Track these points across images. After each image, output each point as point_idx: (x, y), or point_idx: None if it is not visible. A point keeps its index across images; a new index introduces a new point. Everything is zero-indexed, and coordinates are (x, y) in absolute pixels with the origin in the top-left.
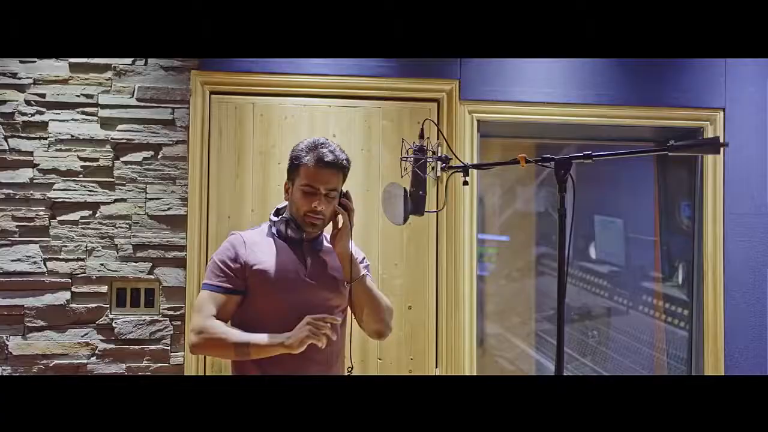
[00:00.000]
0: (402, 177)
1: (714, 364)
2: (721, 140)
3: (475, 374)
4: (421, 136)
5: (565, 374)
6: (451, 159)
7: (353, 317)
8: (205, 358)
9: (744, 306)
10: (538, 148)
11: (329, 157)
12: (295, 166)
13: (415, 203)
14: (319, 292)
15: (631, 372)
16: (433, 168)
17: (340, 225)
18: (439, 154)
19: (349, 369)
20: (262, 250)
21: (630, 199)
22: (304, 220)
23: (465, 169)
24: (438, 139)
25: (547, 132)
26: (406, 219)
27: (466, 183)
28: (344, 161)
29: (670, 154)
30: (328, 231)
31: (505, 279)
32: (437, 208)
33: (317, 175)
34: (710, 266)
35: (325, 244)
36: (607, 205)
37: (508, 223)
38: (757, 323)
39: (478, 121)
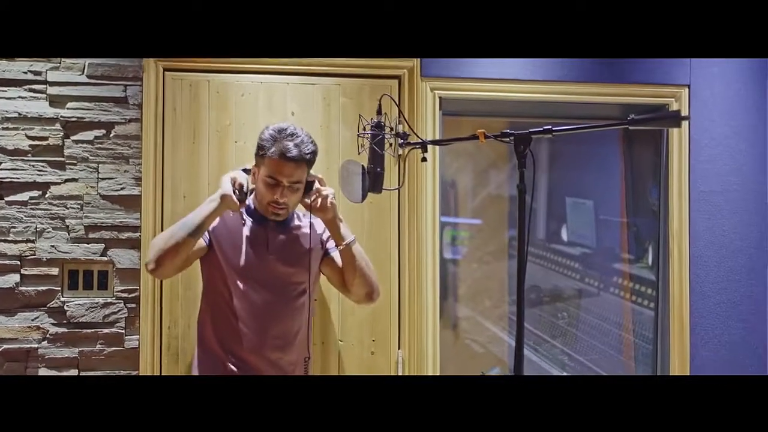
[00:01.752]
0: (359, 154)
1: (680, 344)
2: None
3: (438, 355)
4: (379, 112)
5: (535, 359)
6: (410, 135)
7: (340, 291)
8: (160, 343)
9: (710, 284)
10: (504, 126)
11: (293, 152)
12: (260, 155)
13: (372, 180)
14: (279, 267)
15: (599, 352)
16: (390, 144)
17: (320, 194)
18: (398, 130)
19: (306, 359)
20: (229, 221)
21: (601, 181)
22: (267, 210)
23: (423, 146)
24: (399, 116)
25: (512, 110)
26: (364, 197)
27: (424, 159)
28: (308, 154)
29: (631, 128)
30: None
31: (478, 262)
32: (398, 186)
33: (280, 168)
34: (676, 244)
35: (295, 221)
36: (579, 186)
37: (481, 206)
38: (722, 301)
39: (441, 98)
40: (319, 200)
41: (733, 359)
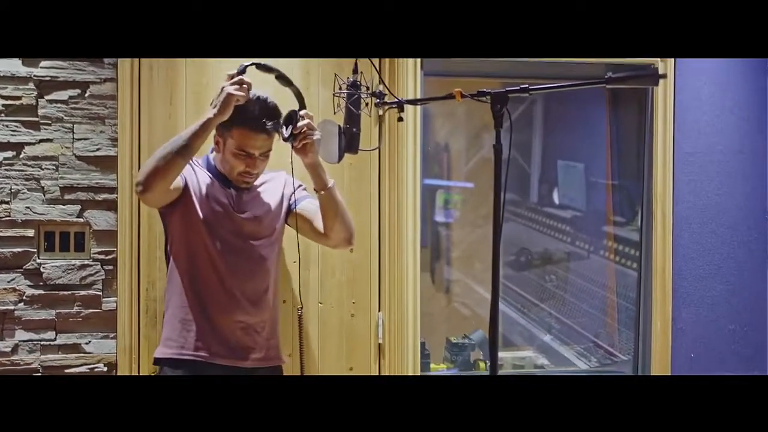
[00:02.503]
0: (335, 113)
1: (662, 306)
2: (662, 72)
3: (419, 318)
4: (355, 71)
5: (523, 322)
6: (386, 95)
7: (313, 238)
8: (138, 305)
9: (693, 246)
10: (493, 87)
11: (268, 125)
12: (227, 126)
13: (348, 141)
14: (247, 224)
15: (586, 315)
16: (367, 104)
17: (304, 137)
18: (374, 90)
19: (300, 309)
20: (197, 178)
21: (593, 143)
22: (237, 179)
23: (399, 105)
24: (379, 77)
25: (495, 70)
26: (341, 157)
27: (400, 119)
28: (278, 123)
29: (608, 86)
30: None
31: (471, 225)
32: (377, 146)
33: (253, 140)
34: (659, 207)
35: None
36: (571, 149)
37: (475, 169)
38: (705, 263)
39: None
40: (307, 144)
41: (715, 321)
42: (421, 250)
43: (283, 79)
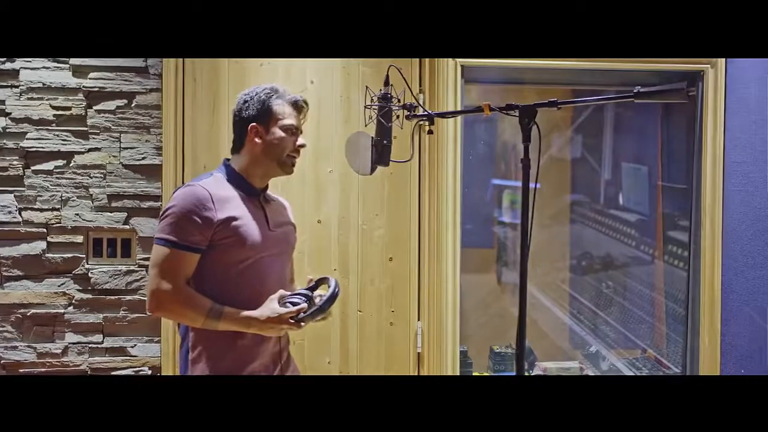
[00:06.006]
0: (366, 126)
1: (710, 321)
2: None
3: (458, 327)
4: (386, 83)
5: (577, 329)
6: (417, 107)
7: None
8: None
9: (742, 259)
10: (534, 94)
11: (298, 98)
12: (264, 110)
13: (379, 153)
14: (279, 242)
15: (643, 323)
16: (398, 117)
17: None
18: (405, 102)
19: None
20: (229, 202)
21: (656, 147)
22: (287, 161)
23: (429, 118)
24: (421, 87)
25: (540, 77)
26: (373, 170)
27: (430, 132)
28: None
29: (636, 101)
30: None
31: (538, 226)
32: (409, 158)
33: (295, 113)
34: (708, 218)
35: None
36: (635, 152)
37: (543, 169)
38: (756, 276)
39: (463, 66)
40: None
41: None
42: (487, 251)
43: None
